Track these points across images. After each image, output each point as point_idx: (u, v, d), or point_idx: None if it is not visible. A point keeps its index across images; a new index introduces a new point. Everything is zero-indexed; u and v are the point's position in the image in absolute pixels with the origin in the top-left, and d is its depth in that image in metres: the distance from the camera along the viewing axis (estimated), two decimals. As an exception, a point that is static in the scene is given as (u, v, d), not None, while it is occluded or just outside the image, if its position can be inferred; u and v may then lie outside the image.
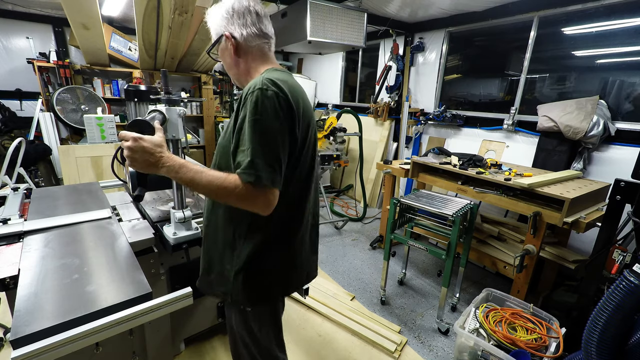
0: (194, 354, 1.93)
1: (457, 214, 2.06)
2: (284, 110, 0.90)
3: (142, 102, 1.74)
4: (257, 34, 1.06)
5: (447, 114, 3.84)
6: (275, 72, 1.00)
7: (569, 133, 2.69)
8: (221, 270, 1.08)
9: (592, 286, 1.71)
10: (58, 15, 4.28)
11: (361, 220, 4.25)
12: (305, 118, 0.99)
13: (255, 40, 1.07)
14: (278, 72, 1.02)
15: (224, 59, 1.13)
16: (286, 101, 0.91)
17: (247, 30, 1.04)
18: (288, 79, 1.00)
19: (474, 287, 2.85)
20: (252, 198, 0.88)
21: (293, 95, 0.94)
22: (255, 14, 1.06)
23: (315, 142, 1.10)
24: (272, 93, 0.89)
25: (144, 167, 0.92)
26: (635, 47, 2.55)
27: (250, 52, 1.08)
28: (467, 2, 3.25)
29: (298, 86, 1.03)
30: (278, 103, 0.89)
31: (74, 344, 0.84)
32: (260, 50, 1.09)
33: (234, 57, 1.09)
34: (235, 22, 1.05)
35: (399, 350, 2.09)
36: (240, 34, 1.05)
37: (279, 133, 0.90)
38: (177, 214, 1.41)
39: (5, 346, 1.93)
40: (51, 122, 4.20)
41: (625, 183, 1.56)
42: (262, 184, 0.86)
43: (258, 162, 0.86)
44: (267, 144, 0.88)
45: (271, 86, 0.89)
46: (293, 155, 0.97)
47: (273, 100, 0.88)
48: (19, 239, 1.31)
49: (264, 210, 0.91)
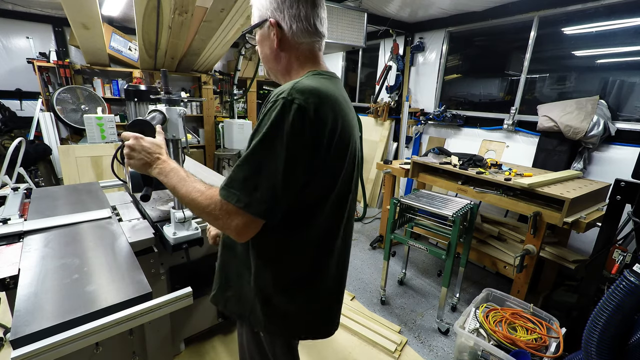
0: (194, 354, 1.93)
1: (457, 214, 2.06)
2: (306, 130, 0.74)
3: (142, 102, 1.74)
4: (308, 31, 0.88)
5: (447, 113, 3.84)
6: (315, 78, 0.84)
7: (569, 133, 2.69)
8: (239, 291, 0.98)
9: (592, 286, 1.71)
10: (58, 15, 4.27)
11: (361, 220, 4.25)
12: (343, 139, 0.83)
13: (305, 38, 0.89)
14: (321, 78, 0.86)
15: (262, 48, 0.95)
16: (313, 119, 0.75)
17: (298, 24, 0.87)
18: (329, 88, 0.83)
19: (474, 287, 2.85)
20: (224, 217, 0.77)
21: (328, 110, 0.78)
22: (311, 5, 0.87)
23: (356, 165, 0.95)
24: (297, 107, 0.73)
25: (139, 167, 0.92)
26: (635, 47, 2.55)
27: (296, 49, 0.90)
28: (467, 2, 3.25)
29: (340, 98, 0.86)
30: (301, 120, 0.73)
31: (74, 344, 0.84)
32: (310, 49, 0.91)
33: (275, 50, 0.91)
34: (286, 10, 0.86)
35: (399, 350, 2.09)
36: (289, 26, 0.87)
37: (288, 156, 0.74)
38: (177, 214, 1.41)
39: (5, 346, 1.93)
40: (51, 122, 4.20)
41: (625, 183, 1.56)
42: (240, 205, 0.75)
43: (245, 182, 0.75)
44: (269, 166, 0.74)
45: (299, 97, 0.74)
46: (316, 181, 0.82)
47: (296, 116, 0.73)
48: (19, 238, 1.31)
49: (237, 236, 0.80)
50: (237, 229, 0.78)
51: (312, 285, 0.95)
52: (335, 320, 1.07)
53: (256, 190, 0.75)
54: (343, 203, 0.93)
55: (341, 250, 1.00)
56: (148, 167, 0.91)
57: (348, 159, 0.87)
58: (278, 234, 0.86)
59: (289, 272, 0.91)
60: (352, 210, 1.02)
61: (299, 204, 0.83)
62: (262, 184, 0.74)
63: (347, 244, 1.05)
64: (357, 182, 1.00)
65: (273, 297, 0.92)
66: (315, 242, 0.90)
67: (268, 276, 0.90)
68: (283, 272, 0.91)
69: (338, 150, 0.83)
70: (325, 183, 0.84)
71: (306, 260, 0.91)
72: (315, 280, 0.95)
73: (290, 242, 0.88)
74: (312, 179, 0.80)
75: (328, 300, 1.02)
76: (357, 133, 0.93)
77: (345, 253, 1.05)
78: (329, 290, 1.00)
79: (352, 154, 0.90)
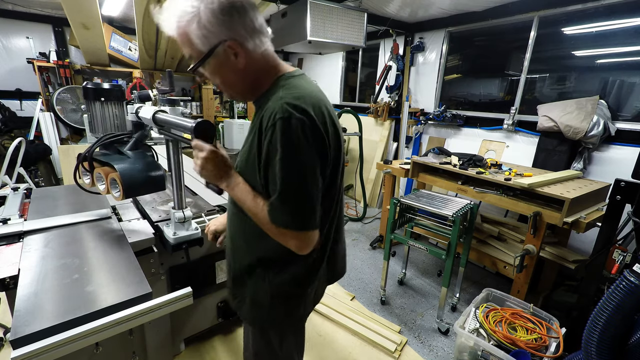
0: (194, 354, 1.93)
1: (457, 214, 2.06)
2: (311, 140, 0.77)
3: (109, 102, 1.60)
4: (266, 36, 0.84)
5: (447, 113, 3.84)
6: (290, 83, 0.84)
7: (569, 133, 2.69)
8: (253, 294, 1.00)
9: (592, 286, 1.71)
10: (58, 15, 4.27)
11: (361, 220, 4.25)
12: (335, 136, 0.87)
13: (264, 45, 0.84)
14: (294, 79, 0.87)
15: (221, 77, 0.86)
16: (313, 128, 0.78)
17: (255, 34, 0.80)
18: (306, 90, 0.83)
19: (474, 287, 2.85)
20: (280, 237, 0.85)
21: (319, 114, 0.81)
22: (253, 8, 0.80)
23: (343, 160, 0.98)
24: (297, 122, 0.75)
25: (210, 177, 0.91)
26: (635, 47, 2.55)
27: (259, 60, 0.84)
28: (467, 2, 3.25)
29: (319, 95, 0.87)
30: (303, 134, 0.76)
31: (74, 344, 0.84)
32: (269, 54, 0.87)
33: (241, 72, 0.83)
34: (240, 25, 0.77)
35: (399, 350, 2.09)
36: (249, 40, 0.79)
37: (309, 169, 0.79)
38: (177, 214, 1.41)
39: (5, 346, 1.93)
40: (51, 122, 4.20)
41: (625, 183, 1.56)
42: (293, 228, 0.81)
43: (287, 207, 0.80)
44: (302, 187, 0.79)
45: (294, 113, 0.75)
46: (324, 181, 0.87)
47: (298, 131, 0.75)
48: (19, 238, 1.31)
49: (300, 251, 0.86)
50: (297, 247, 0.85)
51: (318, 270, 1.00)
52: (336, 268, 1.12)
53: (305, 209, 0.81)
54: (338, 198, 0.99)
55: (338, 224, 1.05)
56: (218, 179, 0.91)
57: (342, 158, 0.93)
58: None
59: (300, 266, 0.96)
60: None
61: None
62: (306, 204, 0.81)
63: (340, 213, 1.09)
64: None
65: (289, 292, 0.97)
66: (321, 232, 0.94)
67: (285, 274, 0.95)
68: (296, 267, 0.95)
69: (336, 147, 0.87)
70: (332, 173, 0.89)
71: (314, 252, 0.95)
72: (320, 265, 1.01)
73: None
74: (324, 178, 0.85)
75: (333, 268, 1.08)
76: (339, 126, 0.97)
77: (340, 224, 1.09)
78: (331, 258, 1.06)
79: (341, 148, 0.94)
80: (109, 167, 1.32)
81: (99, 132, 1.58)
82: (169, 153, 1.35)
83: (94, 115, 1.56)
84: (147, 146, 1.49)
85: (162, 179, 1.38)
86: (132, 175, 1.28)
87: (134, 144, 1.40)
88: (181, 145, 1.36)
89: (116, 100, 1.59)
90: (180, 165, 1.37)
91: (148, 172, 1.33)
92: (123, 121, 1.61)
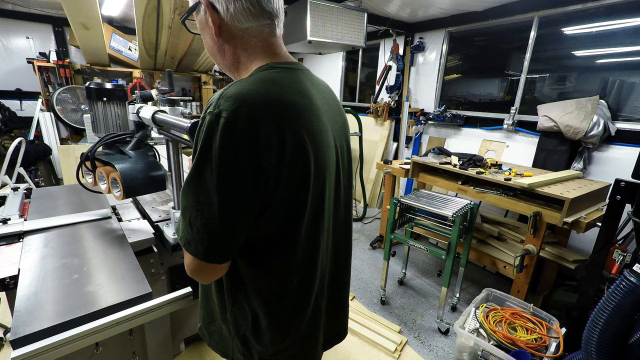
0: (194, 354, 1.93)
1: (457, 214, 2.06)
2: (239, 146, 0.60)
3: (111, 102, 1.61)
4: (251, 11, 0.70)
5: (447, 113, 3.84)
6: (259, 76, 0.68)
7: (569, 133, 2.69)
8: (219, 328, 0.88)
9: (592, 286, 1.71)
10: (58, 15, 4.27)
11: (361, 220, 4.25)
12: (299, 150, 0.66)
13: (248, 21, 0.71)
14: (272, 72, 0.70)
15: (204, 39, 0.78)
16: (247, 133, 0.60)
17: (235, 3, 0.68)
18: (272, 89, 0.66)
19: (474, 287, 2.85)
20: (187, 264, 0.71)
21: (269, 118, 0.62)
22: None
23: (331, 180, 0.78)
24: (225, 122, 0.59)
25: None
26: (635, 47, 2.55)
27: (241, 37, 0.72)
28: (467, 2, 3.25)
29: (295, 98, 0.68)
30: (230, 138, 0.59)
31: (74, 344, 0.84)
32: (257, 36, 0.73)
33: (217, 40, 0.74)
34: None
35: (399, 350, 2.09)
36: (225, 7, 0.69)
37: (224, 187, 0.61)
38: (177, 214, 1.41)
39: (5, 346, 1.93)
40: (51, 122, 4.20)
41: (625, 183, 1.56)
42: (183, 245, 0.68)
43: (184, 217, 0.66)
44: (201, 199, 0.63)
45: (227, 108, 0.60)
46: (275, 206, 0.67)
47: (224, 133, 0.59)
48: (19, 238, 1.31)
49: (201, 280, 0.76)
50: (189, 269, 0.70)
51: (291, 326, 0.81)
52: (335, 328, 1.00)
53: (191, 229, 0.65)
54: (316, 229, 0.76)
55: (323, 269, 0.86)
56: None
57: (314, 174, 0.70)
58: (249, 267, 0.74)
59: (267, 310, 0.76)
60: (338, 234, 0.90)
61: (263, 236, 0.71)
62: (196, 222, 0.64)
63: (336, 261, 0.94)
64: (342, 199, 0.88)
65: (249, 339, 0.81)
66: (295, 274, 0.76)
67: (245, 316, 0.78)
68: (262, 311, 0.77)
69: (295, 165, 0.66)
70: (289, 206, 0.68)
71: (285, 298, 0.77)
72: (296, 319, 0.81)
73: (265, 276, 0.75)
74: (267, 204, 0.66)
75: (309, 336, 0.87)
76: (331, 139, 0.77)
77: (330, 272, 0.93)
78: (310, 326, 0.86)
79: (322, 167, 0.72)
80: (110, 166, 1.32)
81: (101, 132, 1.59)
82: (169, 153, 1.35)
83: (96, 115, 1.56)
84: (149, 146, 1.49)
85: (162, 179, 1.38)
86: (132, 175, 1.28)
87: (135, 144, 1.41)
88: (181, 146, 1.36)
89: (118, 100, 1.59)
90: (181, 165, 1.37)
91: (148, 172, 1.34)
92: (125, 121, 1.63)
